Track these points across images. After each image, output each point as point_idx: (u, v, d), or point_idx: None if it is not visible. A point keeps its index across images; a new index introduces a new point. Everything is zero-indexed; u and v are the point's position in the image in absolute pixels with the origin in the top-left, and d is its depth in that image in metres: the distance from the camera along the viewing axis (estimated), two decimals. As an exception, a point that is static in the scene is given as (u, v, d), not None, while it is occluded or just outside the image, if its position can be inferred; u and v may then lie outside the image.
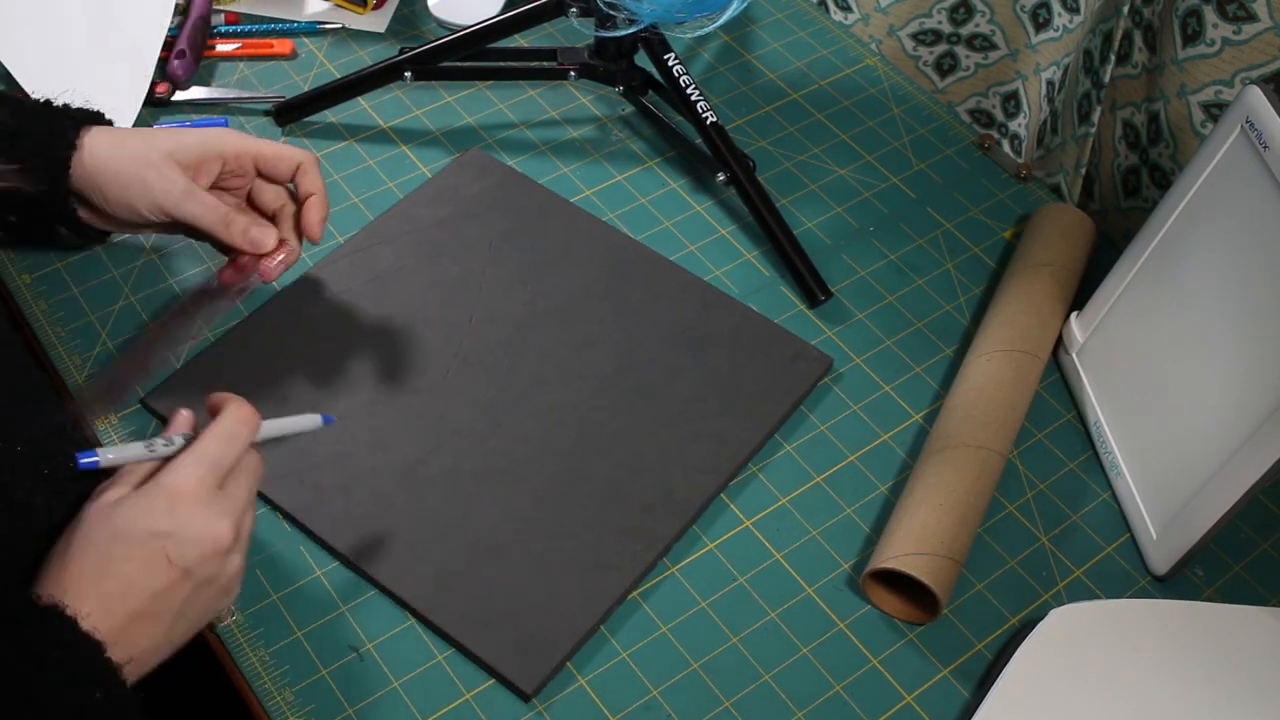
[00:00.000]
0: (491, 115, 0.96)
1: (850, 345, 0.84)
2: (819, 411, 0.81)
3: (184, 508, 0.60)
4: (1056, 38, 0.93)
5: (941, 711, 0.69)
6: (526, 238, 0.87)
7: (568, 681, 0.69)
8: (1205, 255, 0.72)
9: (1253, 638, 0.71)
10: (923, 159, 0.96)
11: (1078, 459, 0.80)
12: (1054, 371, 0.84)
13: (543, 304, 0.83)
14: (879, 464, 0.79)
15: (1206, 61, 0.81)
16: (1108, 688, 0.68)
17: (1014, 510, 0.77)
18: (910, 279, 0.88)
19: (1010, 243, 0.91)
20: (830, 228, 0.91)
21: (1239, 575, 0.76)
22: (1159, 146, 0.88)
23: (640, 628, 0.71)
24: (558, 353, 0.81)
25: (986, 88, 1.01)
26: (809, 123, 0.98)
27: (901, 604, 0.72)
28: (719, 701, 0.69)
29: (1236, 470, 0.68)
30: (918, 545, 0.70)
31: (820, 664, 0.70)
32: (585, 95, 0.98)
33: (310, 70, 0.98)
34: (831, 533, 0.76)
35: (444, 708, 0.67)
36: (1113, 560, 0.76)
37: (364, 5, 1.02)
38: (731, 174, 0.88)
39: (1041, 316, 0.82)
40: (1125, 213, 0.94)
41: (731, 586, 0.73)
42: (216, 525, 0.60)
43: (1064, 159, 0.94)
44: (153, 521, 0.59)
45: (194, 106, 0.94)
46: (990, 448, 0.75)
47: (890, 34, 1.02)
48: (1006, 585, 0.74)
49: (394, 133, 0.95)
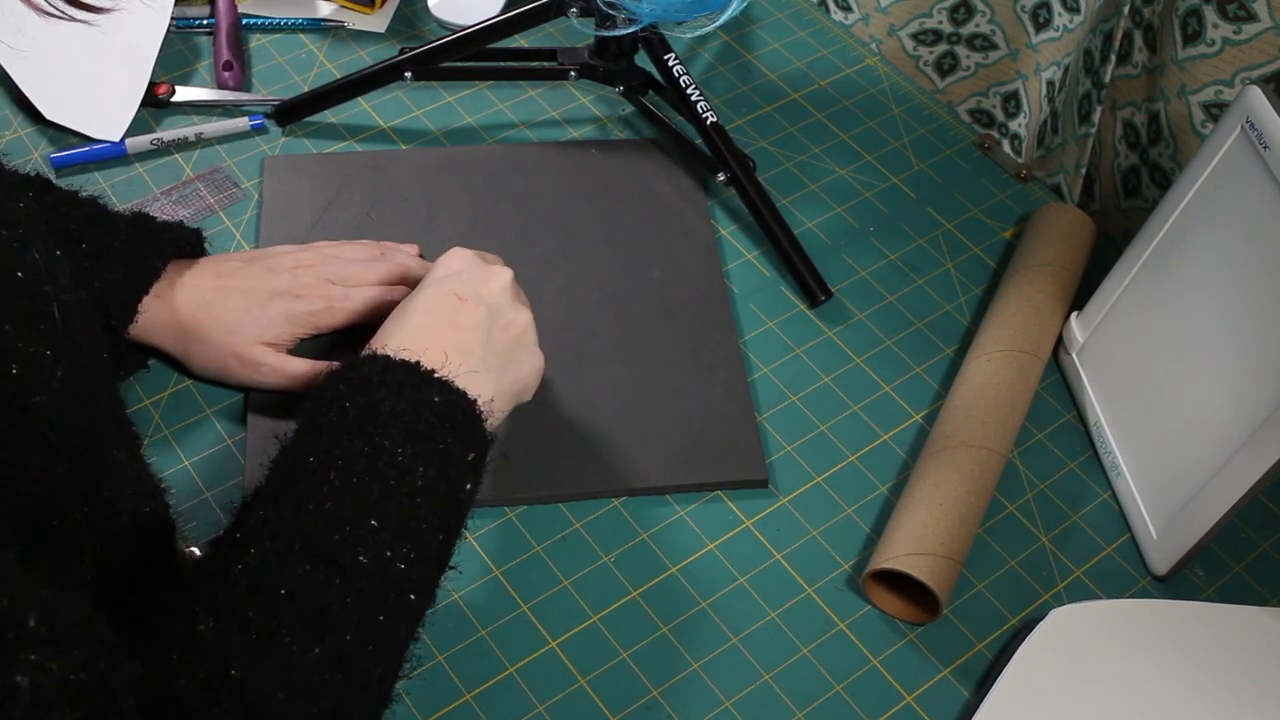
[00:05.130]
0: (491, 115, 0.96)
1: (850, 345, 0.84)
2: (819, 412, 0.81)
3: (455, 260, 0.71)
4: (1057, 38, 0.93)
5: (941, 711, 0.69)
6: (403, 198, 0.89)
7: (568, 681, 0.69)
8: (1205, 255, 0.72)
9: (1253, 638, 0.71)
10: (923, 159, 0.96)
11: (1078, 459, 0.80)
12: (1054, 371, 0.84)
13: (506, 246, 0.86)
14: (879, 464, 0.79)
15: (1207, 61, 0.81)
16: (1108, 688, 0.68)
17: (1014, 510, 0.77)
18: (910, 279, 0.88)
19: (1010, 243, 0.91)
20: (830, 228, 0.91)
21: (1239, 575, 0.76)
22: (1159, 146, 0.88)
23: (640, 627, 0.71)
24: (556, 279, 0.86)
25: (987, 88, 1.01)
26: (809, 123, 0.98)
27: (902, 604, 0.72)
28: (719, 701, 0.69)
29: (1236, 470, 0.68)
30: (918, 545, 0.70)
31: (820, 664, 0.70)
32: (585, 95, 0.98)
33: (310, 70, 0.98)
34: (831, 533, 0.76)
35: (444, 708, 0.67)
36: (1113, 560, 0.76)
37: (371, 6, 1.02)
38: (731, 174, 0.88)
39: (1042, 316, 0.82)
40: (1125, 213, 0.94)
41: (732, 587, 0.73)
42: (488, 267, 0.70)
43: (1064, 159, 0.94)
44: (432, 277, 0.70)
45: (194, 108, 0.94)
46: (990, 448, 0.75)
47: (890, 34, 1.02)
48: (1006, 585, 0.74)
49: (394, 133, 0.95)
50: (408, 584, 0.56)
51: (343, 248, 0.80)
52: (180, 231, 0.76)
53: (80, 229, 0.72)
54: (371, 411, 0.59)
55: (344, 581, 0.53)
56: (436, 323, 0.66)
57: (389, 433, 0.58)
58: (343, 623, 0.53)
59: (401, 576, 0.56)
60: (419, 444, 0.59)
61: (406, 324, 0.66)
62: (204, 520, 0.73)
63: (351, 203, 0.88)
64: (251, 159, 0.92)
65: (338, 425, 0.59)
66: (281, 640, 0.51)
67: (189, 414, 0.78)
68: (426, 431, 0.59)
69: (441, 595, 0.71)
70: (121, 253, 0.72)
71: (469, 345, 0.65)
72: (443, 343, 0.64)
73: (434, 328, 0.65)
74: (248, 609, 0.51)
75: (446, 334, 0.65)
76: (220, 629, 0.51)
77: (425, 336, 0.64)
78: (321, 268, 0.77)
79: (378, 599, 0.54)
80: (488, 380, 0.65)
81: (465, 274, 0.69)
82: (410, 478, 0.57)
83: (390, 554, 0.55)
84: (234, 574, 0.53)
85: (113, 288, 0.72)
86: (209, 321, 0.74)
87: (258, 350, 0.74)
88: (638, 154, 0.93)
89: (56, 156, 0.90)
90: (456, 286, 0.68)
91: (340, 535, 0.54)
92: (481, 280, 0.69)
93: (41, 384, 0.46)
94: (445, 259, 0.72)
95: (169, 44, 0.98)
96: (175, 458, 0.76)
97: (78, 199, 0.74)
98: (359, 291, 0.77)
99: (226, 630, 0.51)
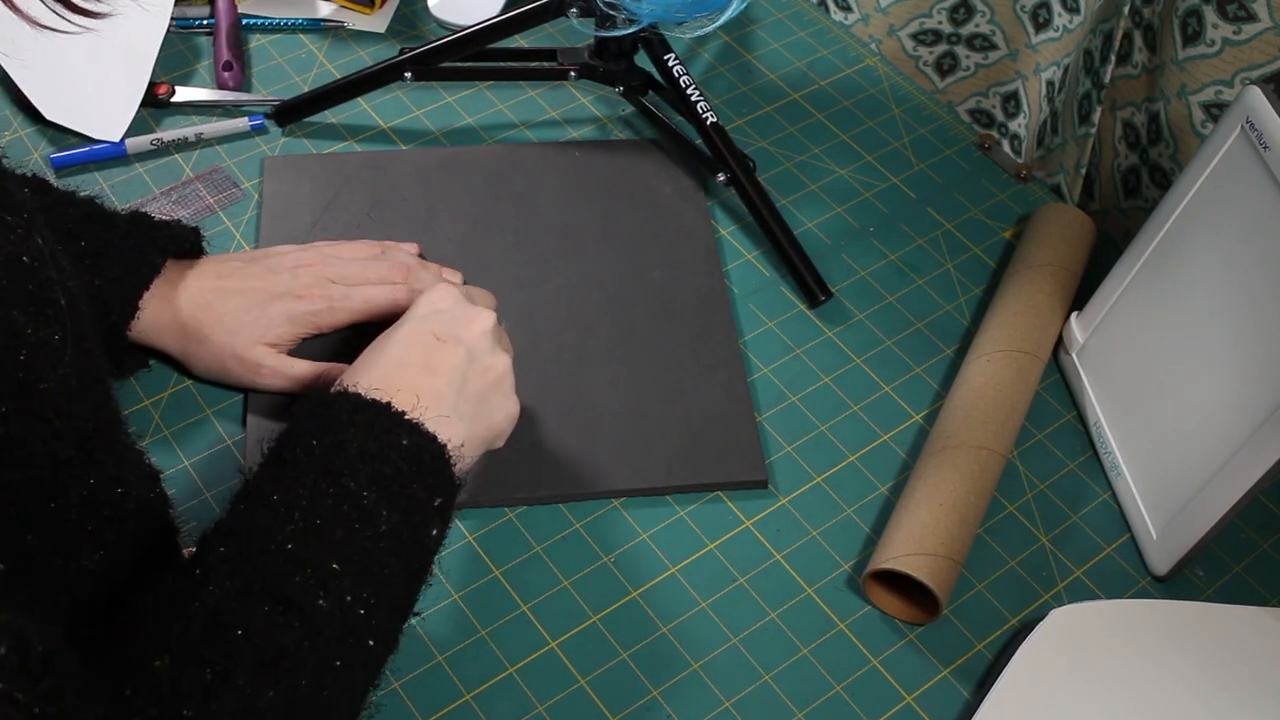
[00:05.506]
0: (491, 115, 0.96)
1: (850, 345, 0.84)
2: (819, 412, 0.81)
3: (440, 297, 0.69)
4: (1056, 38, 0.93)
5: (941, 711, 0.69)
6: (403, 199, 0.89)
7: (568, 681, 0.69)
8: (1205, 255, 0.72)
9: (1253, 638, 0.71)
10: (923, 159, 0.96)
11: (1078, 459, 0.80)
12: (1054, 371, 0.84)
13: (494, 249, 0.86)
14: (879, 464, 0.79)
15: (1207, 61, 0.81)
16: (1108, 688, 0.68)
17: (1014, 510, 0.77)
18: (910, 279, 0.88)
19: (1010, 243, 0.91)
20: (830, 228, 0.91)
21: (1239, 575, 0.76)
22: (1159, 146, 0.88)
23: (640, 627, 0.71)
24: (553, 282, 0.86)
25: (986, 88, 1.01)
26: (809, 123, 0.98)
27: (902, 604, 0.72)
28: (719, 701, 0.69)
29: (1236, 470, 0.68)
30: (918, 546, 0.70)
31: (820, 664, 0.70)
32: (585, 95, 0.98)
33: (310, 70, 0.98)
34: (831, 533, 0.76)
35: (444, 708, 0.67)
36: (1113, 560, 0.76)
37: (371, 6, 1.02)
38: (731, 174, 0.88)
39: (1041, 316, 0.82)
40: (1125, 213, 0.94)
41: (732, 587, 0.73)
42: (472, 308, 0.69)
43: (1064, 159, 0.94)
44: (414, 313, 0.69)
45: (194, 108, 0.94)
46: (990, 448, 0.75)
47: (890, 34, 1.02)
48: (1006, 585, 0.74)
49: (394, 133, 0.95)
50: (367, 630, 0.55)
51: (342, 247, 0.80)
52: (179, 229, 0.76)
53: (79, 227, 0.72)
54: (339, 450, 0.58)
55: (303, 624, 0.52)
56: (412, 362, 0.65)
57: (355, 474, 0.57)
58: (299, 666, 0.52)
59: (361, 622, 0.55)
60: (385, 487, 0.57)
61: (382, 361, 0.65)
62: (204, 520, 0.72)
63: (351, 203, 0.88)
64: (251, 159, 0.92)
65: (303, 463, 0.57)
66: (236, 682, 0.50)
67: (189, 414, 0.78)
68: (393, 475, 0.58)
69: (441, 595, 0.71)
70: (120, 249, 0.72)
71: (442, 389, 0.64)
72: (416, 384, 0.63)
73: (409, 367, 0.64)
74: (203, 647, 0.50)
75: (421, 375, 0.64)
76: (175, 667, 0.50)
77: (399, 376, 0.63)
78: (321, 267, 0.77)
79: (336, 643, 0.53)
80: (459, 426, 0.63)
81: (448, 313, 0.68)
82: (374, 521, 0.56)
83: (351, 598, 0.54)
84: (191, 610, 0.52)
85: (113, 284, 0.72)
86: (210, 322, 0.74)
87: (258, 351, 0.74)
88: (638, 154, 0.93)
89: (56, 157, 0.90)
90: (437, 326, 0.67)
91: (301, 577, 0.53)
92: (463, 322, 0.68)
93: (50, 369, 0.46)
94: (430, 295, 0.70)
95: (169, 44, 0.98)
96: (175, 458, 0.76)
97: (75, 198, 0.74)
98: (359, 291, 0.76)
99: (181, 668, 0.50)
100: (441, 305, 0.69)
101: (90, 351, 0.50)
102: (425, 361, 0.65)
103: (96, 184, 0.89)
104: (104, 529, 0.52)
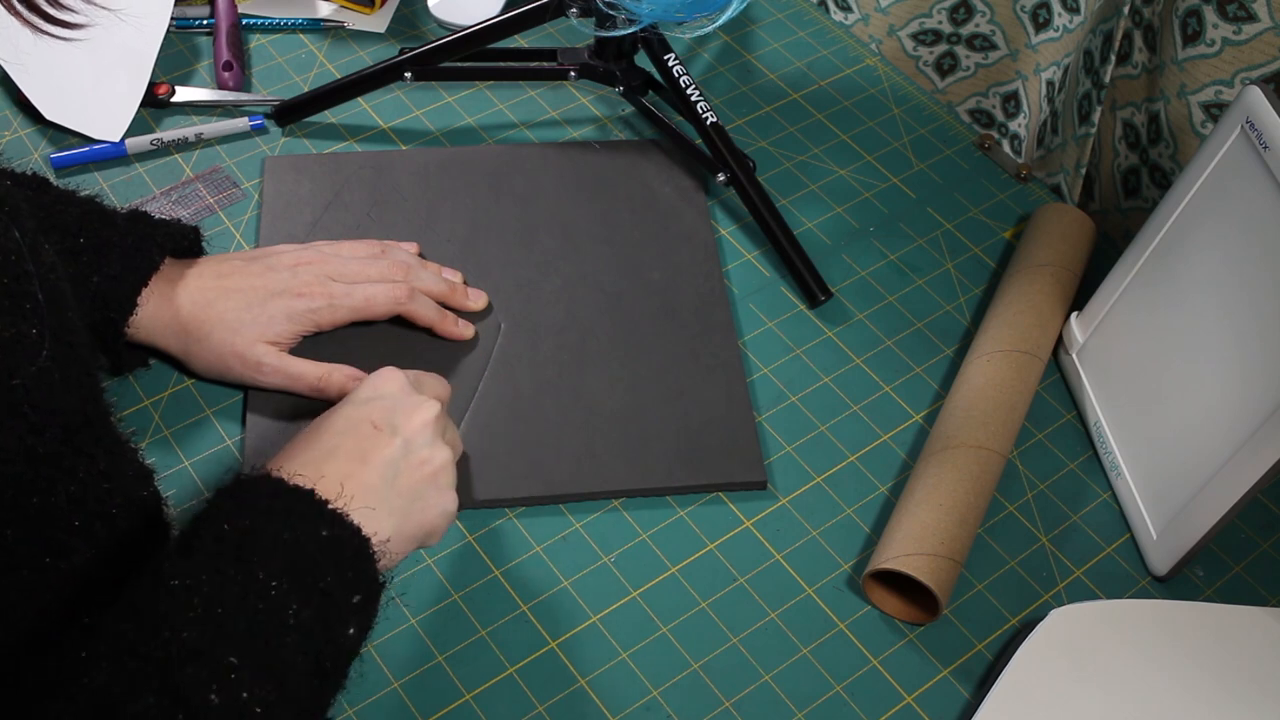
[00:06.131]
0: (491, 115, 0.96)
1: (850, 345, 0.84)
2: (819, 412, 0.81)
3: (385, 382, 0.66)
4: (1056, 38, 0.93)
5: (941, 711, 0.69)
6: (403, 199, 0.89)
7: (568, 681, 0.69)
8: (1205, 255, 0.72)
9: (1253, 638, 0.71)
10: (923, 159, 0.96)
11: (1078, 459, 0.80)
12: (1054, 371, 0.84)
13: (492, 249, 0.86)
14: (879, 464, 0.79)
15: (1206, 61, 0.81)
16: (1108, 688, 0.68)
17: (1014, 510, 0.77)
18: (910, 279, 0.88)
19: (1010, 243, 0.91)
20: (830, 228, 0.91)
21: (1239, 575, 0.76)
22: (1159, 146, 0.88)
23: (640, 627, 0.71)
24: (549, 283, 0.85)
25: (986, 88, 1.01)
26: (809, 123, 0.98)
27: (902, 604, 0.72)
28: (719, 702, 0.69)
29: (1236, 470, 0.68)
30: (918, 546, 0.70)
31: (820, 664, 0.70)
32: (585, 95, 0.98)
33: (310, 70, 0.98)
34: (831, 533, 0.76)
35: (444, 708, 0.68)
36: (1113, 560, 0.76)
37: (371, 6, 1.02)
38: (731, 174, 0.88)
39: (1041, 316, 0.82)
40: (1125, 213, 0.94)
41: (732, 587, 0.73)
42: (416, 397, 0.65)
43: (1064, 159, 0.94)
44: (355, 396, 0.65)
45: (194, 108, 0.94)
46: (990, 448, 0.75)
47: (890, 34, 1.02)
48: (1006, 585, 0.74)
49: (394, 133, 0.95)
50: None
51: (342, 246, 0.80)
52: (178, 227, 0.76)
53: (78, 224, 0.72)
54: (252, 537, 0.54)
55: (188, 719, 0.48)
56: (345, 450, 0.61)
57: (267, 563, 0.53)
58: None
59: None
60: (298, 578, 0.54)
61: (314, 446, 0.61)
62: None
63: (351, 203, 0.88)
64: (251, 159, 0.92)
65: (212, 548, 0.54)
66: None
67: (189, 414, 0.78)
68: (308, 566, 0.54)
69: (441, 595, 0.71)
70: (120, 246, 0.72)
71: (373, 480, 0.60)
72: (346, 473, 0.59)
73: (340, 455, 0.60)
74: None
75: (352, 464, 0.60)
76: None
77: (328, 463, 0.60)
78: (321, 265, 0.77)
79: None
80: (387, 520, 0.60)
81: (388, 401, 0.64)
82: (282, 614, 0.53)
83: (248, 695, 0.50)
84: (77, 688, 0.48)
85: (111, 281, 0.72)
86: (210, 320, 0.74)
87: (259, 349, 0.74)
88: (638, 154, 0.93)
89: (56, 157, 0.90)
90: (375, 413, 0.63)
91: (194, 668, 0.49)
92: (404, 411, 0.64)
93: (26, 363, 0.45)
94: (375, 378, 0.66)
95: (169, 44, 0.98)
96: (175, 458, 0.76)
97: (74, 197, 0.74)
98: (359, 288, 0.77)
99: None
100: (385, 390, 0.65)
101: (75, 345, 0.49)
102: (359, 451, 0.61)
103: (96, 184, 0.89)
104: (93, 526, 0.51)
